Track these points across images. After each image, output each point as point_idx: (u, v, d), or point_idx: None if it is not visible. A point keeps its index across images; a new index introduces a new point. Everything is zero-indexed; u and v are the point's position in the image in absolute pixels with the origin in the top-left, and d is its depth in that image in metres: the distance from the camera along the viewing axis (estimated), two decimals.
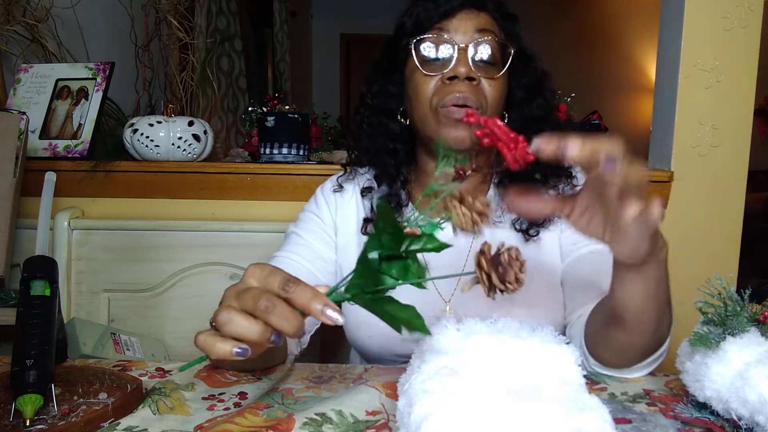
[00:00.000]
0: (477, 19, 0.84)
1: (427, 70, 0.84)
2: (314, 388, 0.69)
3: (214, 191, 1.42)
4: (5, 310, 1.22)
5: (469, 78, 0.81)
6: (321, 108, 2.14)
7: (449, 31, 0.83)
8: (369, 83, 0.94)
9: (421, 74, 0.85)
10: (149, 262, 1.38)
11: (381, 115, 0.92)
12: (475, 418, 0.42)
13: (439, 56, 0.84)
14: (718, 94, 1.34)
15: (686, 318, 0.74)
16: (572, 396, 0.46)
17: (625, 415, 0.59)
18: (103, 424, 0.58)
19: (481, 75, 0.83)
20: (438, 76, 0.83)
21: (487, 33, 0.83)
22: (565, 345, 0.52)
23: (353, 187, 0.97)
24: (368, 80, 0.95)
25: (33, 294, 0.65)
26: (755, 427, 0.53)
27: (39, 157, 1.41)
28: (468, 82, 0.82)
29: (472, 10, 0.85)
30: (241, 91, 3.46)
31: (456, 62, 0.82)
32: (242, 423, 0.59)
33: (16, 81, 1.49)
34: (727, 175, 1.37)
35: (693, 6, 1.32)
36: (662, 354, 0.73)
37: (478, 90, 0.82)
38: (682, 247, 1.39)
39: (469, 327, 0.53)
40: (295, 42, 4.75)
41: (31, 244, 1.32)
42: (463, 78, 0.81)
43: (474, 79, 0.82)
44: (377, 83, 0.93)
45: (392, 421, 0.59)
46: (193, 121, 1.42)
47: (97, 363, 0.77)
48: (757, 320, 0.57)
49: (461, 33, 0.83)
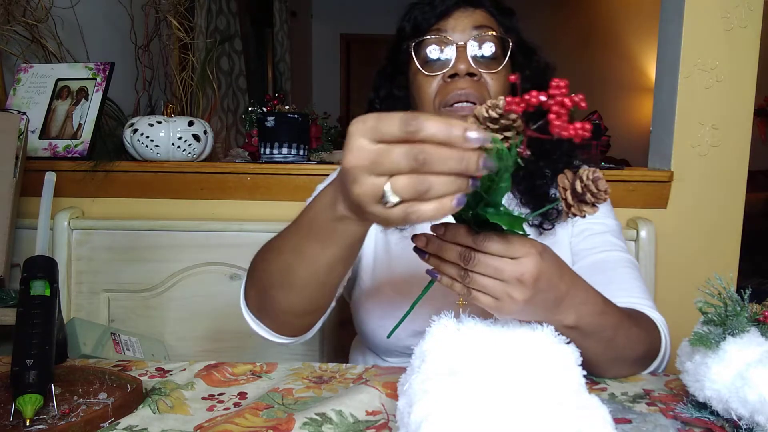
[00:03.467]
0: (473, 16, 0.85)
1: (428, 71, 0.85)
2: (314, 388, 0.69)
3: (213, 191, 1.42)
4: (5, 310, 1.22)
5: (470, 74, 0.83)
6: (321, 108, 2.14)
7: (447, 31, 0.85)
8: (376, 89, 0.96)
9: (423, 76, 0.86)
10: (149, 262, 1.38)
11: None
12: (475, 418, 0.42)
13: (439, 56, 0.85)
14: (718, 94, 1.34)
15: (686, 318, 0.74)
16: (572, 396, 0.46)
17: (625, 415, 0.59)
18: (103, 424, 0.58)
19: (482, 70, 0.84)
20: (440, 76, 0.85)
21: (484, 29, 0.84)
22: (565, 345, 0.52)
23: None
24: (375, 86, 0.96)
25: (33, 294, 0.65)
26: (755, 427, 0.53)
27: (39, 157, 1.41)
28: (469, 78, 0.83)
29: (468, 7, 0.86)
30: (241, 91, 3.46)
31: (456, 60, 0.83)
32: (242, 423, 0.59)
33: (16, 81, 1.49)
34: (727, 175, 1.37)
35: (693, 6, 1.32)
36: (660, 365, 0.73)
37: (480, 85, 0.83)
38: (681, 247, 1.39)
39: (469, 327, 0.53)
40: (295, 42, 4.76)
41: (31, 244, 1.32)
42: (463, 75, 0.83)
43: (475, 75, 0.83)
44: (383, 88, 0.95)
45: (392, 421, 0.59)
46: (193, 121, 1.42)
47: (97, 363, 0.77)
48: (757, 320, 0.57)
49: (459, 31, 0.84)
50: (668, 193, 1.38)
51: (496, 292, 0.51)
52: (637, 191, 1.36)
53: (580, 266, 0.87)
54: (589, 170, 0.50)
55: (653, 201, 1.38)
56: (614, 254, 0.86)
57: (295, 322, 0.71)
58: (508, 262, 0.51)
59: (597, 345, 0.63)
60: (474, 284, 0.52)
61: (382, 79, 0.95)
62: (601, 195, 0.49)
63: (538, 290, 0.52)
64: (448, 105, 0.83)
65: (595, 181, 0.49)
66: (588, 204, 0.50)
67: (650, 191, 1.37)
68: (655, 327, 0.75)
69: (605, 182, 0.49)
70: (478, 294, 0.52)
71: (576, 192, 0.50)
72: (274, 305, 0.68)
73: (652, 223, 1.32)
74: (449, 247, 0.52)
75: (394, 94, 0.94)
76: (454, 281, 0.54)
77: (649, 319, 0.75)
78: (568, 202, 0.50)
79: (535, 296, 0.52)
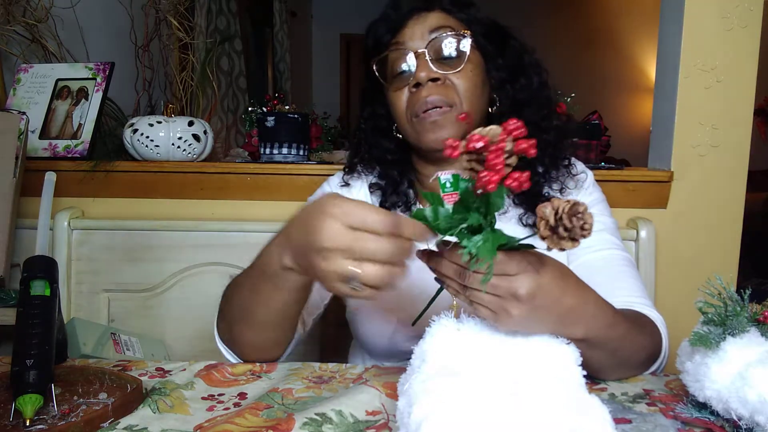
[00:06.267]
0: (428, 20, 0.84)
1: (396, 85, 0.86)
2: (314, 388, 0.69)
3: (213, 191, 1.42)
4: (5, 310, 1.22)
5: (433, 79, 0.82)
6: (321, 108, 2.14)
7: (405, 42, 0.84)
8: (361, 107, 0.97)
9: (393, 91, 0.86)
10: (149, 262, 1.38)
11: (376, 136, 0.95)
12: (475, 418, 0.42)
13: (403, 68, 0.85)
14: (718, 94, 1.34)
15: (686, 318, 0.74)
16: (572, 396, 0.46)
17: (625, 415, 0.59)
18: (103, 424, 0.58)
19: (446, 71, 0.83)
20: (406, 88, 0.84)
21: (441, 29, 0.83)
22: (565, 345, 0.52)
23: (360, 184, 0.98)
24: (360, 105, 0.97)
25: (33, 294, 0.65)
26: (755, 427, 0.53)
27: (39, 157, 1.41)
28: (433, 84, 0.82)
29: (422, 12, 0.85)
30: (241, 91, 3.46)
31: (417, 68, 0.83)
32: (242, 423, 0.59)
33: (16, 81, 1.49)
34: (727, 175, 1.37)
35: (693, 6, 1.32)
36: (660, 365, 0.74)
37: (446, 88, 0.83)
38: (681, 248, 1.39)
39: (469, 327, 0.53)
40: (295, 42, 4.76)
41: (31, 244, 1.31)
42: (425, 82, 0.82)
43: (438, 79, 0.82)
44: (366, 108, 0.96)
45: (392, 421, 0.59)
46: (193, 121, 1.42)
47: (97, 363, 0.77)
48: (757, 320, 0.57)
49: (416, 38, 0.84)
50: (668, 193, 1.38)
51: (493, 306, 0.52)
52: (637, 191, 1.36)
53: (576, 265, 0.86)
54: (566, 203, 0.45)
55: (653, 201, 1.38)
56: (611, 253, 0.85)
57: (260, 355, 0.76)
58: (503, 279, 0.51)
59: (603, 355, 0.63)
60: (473, 298, 0.52)
61: (365, 99, 0.96)
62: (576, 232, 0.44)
63: (537, 306, 0.52)
64: (417, 115, 0.83)
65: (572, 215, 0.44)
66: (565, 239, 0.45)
67: (650, 191, 1.37)
68: (657, 330, 0.74)
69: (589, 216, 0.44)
70: (478, 306, 0.53)
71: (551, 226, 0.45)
72: (239, 339, 0.75)
73: (652, 223, 1.32)
74: (447, 264, 0.53)
75: (376, 113, 0.94)
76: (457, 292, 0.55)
77: (651, 322, 0.75)
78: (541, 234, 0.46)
79: (533, 312, 0.52)
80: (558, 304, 0.54)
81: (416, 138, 0.86)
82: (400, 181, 0.93)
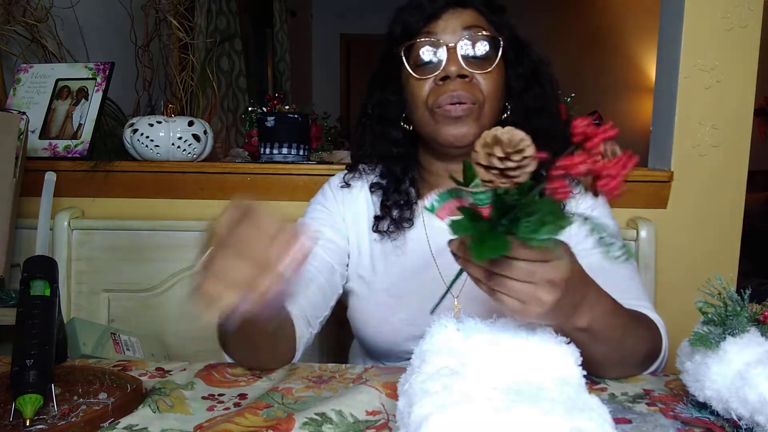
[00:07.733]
0: (463, 17, 0.84)
1: (420, 74, 0.85)
2: (314, 388, 0.69)
3: (213, 191, 1.42)
4: (5, 310, 1.22)
5: (462, 75, 0.82)
6: (321, 108, 2.13)
7: (437, 33, 0.84)
8: (369, 93, 0.95)
9: (415, 79, 0.86)
10: (149, 262, 1.38)
11: (383, 124, 0.93)
12: (475, 419, 0.42)
13: (431, 59, 0.85)
14: (718, 94, 1.34)
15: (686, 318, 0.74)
16: (572, 396, 0.46)
17: (625, 415, 0.59)
18: (103, 424, 0.58)
19: (474, 71, 0.83)
20: (431, 79, 0.84)
21: (474, 29, 0.84)
22: (565, 345, 0.52)
23: (361, 184, 0.97)
24: (368, 91, 0.96)
25: (33, 294, 0.65)
26: (755, 427, 0.53)
27: (39, 157, 1.41)
28: (461, 80, 0.82)
29: (457, 8, 0.85)
30: (241, 91, 3.46)
31: (446, 62, 0.83)
32: (242, 423, 0.59)
33: (16, 81, 1.49)
34: (727, 175, 1.37)
35: (693, 6, 1.32)
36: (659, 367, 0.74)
37: (472, 86, 0.83)
38: (681, 248, 1.39)
39: (469, 327, 0.53)
40: (295, 42, 4.75)
41: (31, 244, 1.32)
42: (455, 77, 0.82)
43: (466, 76, 0.82)
44: (376, 94, 0.94)
45: (392, 421, 0.59)
46: (193, 121, 1.42)
47: (97, 363, 0.77)
48: (757, 320, 0.57)
49: (449, 32, 0.84)
50: (668, 193, 1.38)
51: (523, 294, 0.51)
52: (637, 191, 1.36)
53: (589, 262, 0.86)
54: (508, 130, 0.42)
55: (653, 201, 1.38)
56: None
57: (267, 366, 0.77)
58: (542, 265, 0.50)
59: (606, 346, 0.63)
60: (500, 287, 0.52)
61: (374, 84, 0.95)
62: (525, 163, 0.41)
63: (566, 293, 0.52)
64: (440, 106, 0.83)
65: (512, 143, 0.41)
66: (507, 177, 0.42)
67: (650, 191, 1.37)
68: (656, 327, 0.75)
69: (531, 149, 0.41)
70: (503, 296, 0.52)
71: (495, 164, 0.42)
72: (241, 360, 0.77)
73: (652, 223, 1.32)
74: None
75: (387, 99, 0.93)
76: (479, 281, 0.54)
77: (650, 320, 0.75)
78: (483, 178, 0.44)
79: (562, 298, 0.52)
80: (579, 291, 0.55)
81: (433, 129, 0.85)
82: (402, 179, 0.92)
